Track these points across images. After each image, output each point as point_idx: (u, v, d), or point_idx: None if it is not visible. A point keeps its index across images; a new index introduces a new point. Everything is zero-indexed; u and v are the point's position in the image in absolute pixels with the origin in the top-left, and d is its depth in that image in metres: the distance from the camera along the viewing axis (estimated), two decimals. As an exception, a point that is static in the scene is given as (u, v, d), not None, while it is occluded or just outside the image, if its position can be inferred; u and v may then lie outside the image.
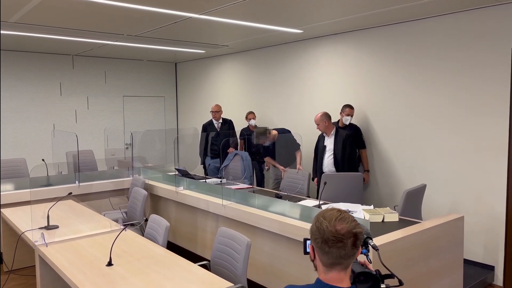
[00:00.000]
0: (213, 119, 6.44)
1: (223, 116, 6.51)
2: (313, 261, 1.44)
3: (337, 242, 1.31)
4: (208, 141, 6.34)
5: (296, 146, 5.47)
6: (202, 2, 3.96)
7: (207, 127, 6.45)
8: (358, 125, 5.18)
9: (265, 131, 5.34)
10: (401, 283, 1.60)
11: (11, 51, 6.91)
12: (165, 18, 4.57)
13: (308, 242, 1.59)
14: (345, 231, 1.32)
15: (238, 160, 5.60)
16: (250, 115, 6.28)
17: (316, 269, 1.46)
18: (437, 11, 4.39)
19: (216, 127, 6.37)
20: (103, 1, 3.85)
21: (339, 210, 1.38)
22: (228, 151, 6.08)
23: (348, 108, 5.06)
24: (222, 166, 5.65)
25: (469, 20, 4.29)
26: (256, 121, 6.35)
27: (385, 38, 5.06)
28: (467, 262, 4.12)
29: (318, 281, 1.38)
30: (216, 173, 6.06)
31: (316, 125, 4.78)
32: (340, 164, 4.68)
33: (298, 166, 5.29)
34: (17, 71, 7.01)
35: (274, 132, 5.43)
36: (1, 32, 5.24)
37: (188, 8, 4.16)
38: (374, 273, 1.45)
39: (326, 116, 4.74)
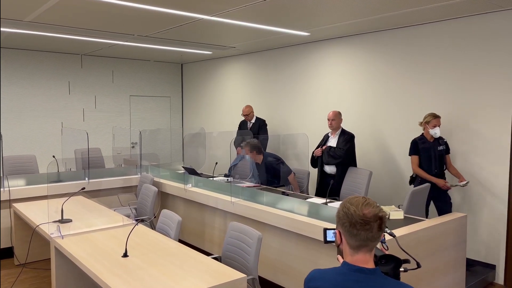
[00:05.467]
0: None
1: (257, 115, 6.52)
2: (338, 246, 1.54)
3: (365, 225, 1.42)
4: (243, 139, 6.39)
5: (285, 174, 5.01)
6: (214, 4, 4.07)
7: (242, 125, 6.56)
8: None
9: (258, 147, 5.08)
10: (419, 265, 1.70)
11: (22, 50, 7.03)
12: (176, 19, 4.69)
13: (329, 231, 1.71)
14: (372, 215, 1.43)
15: (246, 160, 5.70)
16: (434, 120, 4.28)
17: (339, 254, 1.56)
18: (445, 15, 4.50)
19: (247, 126, 6.46)
20: (117, 1, 3.96)
21: (363, 197, 1.49)
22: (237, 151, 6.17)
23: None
24: (231, 165, 5.76)
25: (479, 23, 4.39)
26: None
27: (392, 41, 5.17)
28: (468, 260, 4.22)
29: (345, 263, 1.49)
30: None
31: (328, 121, 4.85)
32: (340, 164, 4.78)
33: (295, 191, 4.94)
34: (27, 70, 7.12)
35: (261, 157, 5.14)
36: (15, 31, 5.35)
37: (200, 9, 4.27)
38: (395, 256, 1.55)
39: (340, 114, 4.90)
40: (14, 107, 7.01)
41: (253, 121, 6.45)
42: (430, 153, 4.30)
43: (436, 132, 4.28)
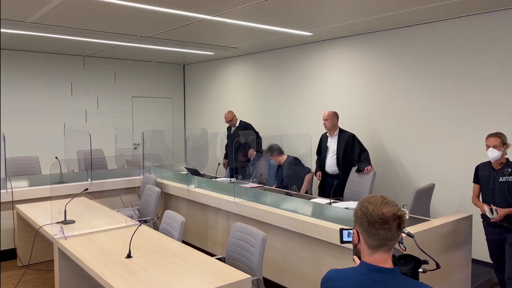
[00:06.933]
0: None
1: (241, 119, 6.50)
2: (356, 245, 1.52)
3: (384, 224, 1.39)
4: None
5: (304, 171, 5.06)
6: (216, 4, 4.06)
7: (228, 131, 6.53)
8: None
9: (276, 148, 5.20)
10: (438, 266, 1.67)
11: (24, 51, 7.04)
12: (179, 19, 4.68)
13: (345, 231, 1.69)
14: (391, 214, 1.40)
15: (263, 160, 5.72)
16: (487, 140, 3.54)
17: (356, 254, 1.53)
18: (446, 15, 4.48)
19: (231, 131, 6.43)
20: (120, 2, 3.96)
21: (381, 196, 1.46)
22: (249, 153, 6.14)
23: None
24: (249, 164, 5.78)
25: (477, 23, 4.37)
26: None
27: (394, 41, 5.15)
28: (474, 261, 4.18)
29: (363, 263, 1.46)
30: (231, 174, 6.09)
31: (323, 121, 4.86)
32: (342, 164, 4.77)
33: (303, 190, 4.98)
34: (29, 71, 7.12)
35: (284, 157, 5.25)
36: (17, 32, 5.35)
37: (202, 9, 4.26)
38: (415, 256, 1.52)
39: (336, 115, 4.85)
40: (16, 109, 7.01)
41: (237, 125, 6.41)
42: (489, 184, 3.52)
43: (489, 154, 3.47)
